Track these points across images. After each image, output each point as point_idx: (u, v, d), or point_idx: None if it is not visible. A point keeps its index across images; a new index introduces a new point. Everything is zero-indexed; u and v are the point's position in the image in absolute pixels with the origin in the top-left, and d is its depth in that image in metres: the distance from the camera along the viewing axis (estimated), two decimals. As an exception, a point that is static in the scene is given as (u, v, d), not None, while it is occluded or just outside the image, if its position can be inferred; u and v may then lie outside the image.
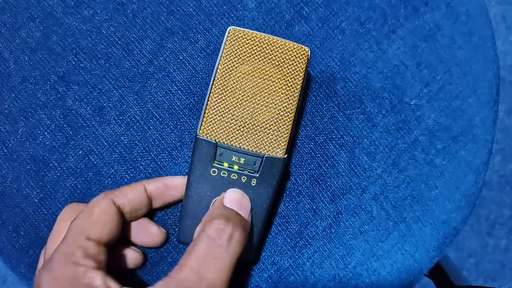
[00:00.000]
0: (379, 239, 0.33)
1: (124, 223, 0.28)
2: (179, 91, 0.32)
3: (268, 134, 0.27)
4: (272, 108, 0.27)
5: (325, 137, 0.33)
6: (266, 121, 0.27)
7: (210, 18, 0.33)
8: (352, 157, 0.33)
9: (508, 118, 0.91)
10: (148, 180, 0.29)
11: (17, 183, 0.31)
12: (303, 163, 0.32)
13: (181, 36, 0.32)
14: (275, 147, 0.27)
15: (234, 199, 0.27)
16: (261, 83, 0.27)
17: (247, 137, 0.27)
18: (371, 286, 0.32)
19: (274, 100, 0.27)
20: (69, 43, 0.32)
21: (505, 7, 0.92)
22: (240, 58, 0.27)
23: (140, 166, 0.32)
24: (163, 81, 0.32)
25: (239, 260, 0.25)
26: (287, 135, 0.27)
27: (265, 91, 0.27)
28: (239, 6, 0.33)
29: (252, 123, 0.27)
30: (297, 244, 0.32)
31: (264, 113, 0.27)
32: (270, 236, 0.32)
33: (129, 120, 0.32)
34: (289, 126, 0.27)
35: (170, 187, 0.29)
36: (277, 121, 0.27)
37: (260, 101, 0.27)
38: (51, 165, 0.31)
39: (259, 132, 0.27)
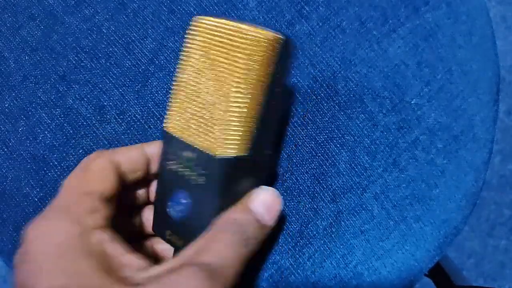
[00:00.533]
0: (380, 238, 0.32)
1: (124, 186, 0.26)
2: (179, 90, 0.32)
3: (223, 131, 0.24)
4: (232, 103, 0.24)
5: (326, 136, 0.33)
6: (222, 117, 0.24)
7: (210, 17, 0.33)
8: (352, 156, 0.33)
9: (508, 118, 0.91)
10: (148, 142, 0.28)
11: (18, 182, 0.31)
12: (304, 162, 0.32)
13: (181, 35, 0.32)
14: (228, 145, 0.25)
15: (266, 203, 0.25)
16: (223, 76, 0.24)
17: (197, 132, 0.25)
18: (371, 286, 0.32)
19: (230, 93, 0.24)
20: (70, 42, 0.32)
21: (505, 7, 0.93)
22: (204, 47, 0.25)
23: (141, 165, 0.32)
24: (163, 80, 0.32)
25: None
26: (242, 132, 0.24)
27: (226, 84, 0.24)
28: (239, 5, 0.33)
29: (208, 119, 0.24)
30: (298, 244, 0.32)
31: (221, 108, 0.24)
32: (271, 236, 0.32)
33: (129, 119, 0.32)
34: (244, 123, 0.24)
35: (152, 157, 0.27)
36: (234, 118, 0.24)
37: (220, 95, 0.24)
38: (51, 164, 0.31)
39: (213, 128, 0.24)
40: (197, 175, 0.26)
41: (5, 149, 0.32)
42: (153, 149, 0.27)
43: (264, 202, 0.25)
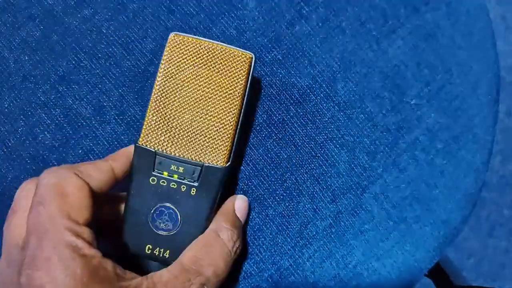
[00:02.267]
0: (380, 238, 0.32)
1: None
2: (179, 91, 0.32)
3: (208, 143, 0.26)
4: (212, 116, 0.26)
5: (326, 137, 0.33)
6: (206, 129, 0.26)
7: (210, 18, 0.33)
8: (352, 156, 0.33)
9: (508, 119, 0.91)
10: (114, 156, 0.27)
11: (17, 183, 0.31)
12: (304, 163, 0.32)
13: (181, 35, 0.32)
14: (215, 156, 0.26)
15: (242, 209, 0.30)
16: (201, 91, 0.26)
17: (186, 146, 0.26)
18: (371, 286, 0.32)
19: (214, 108, 0.26)
20: (69, 43, 0.32)
21: (505, 7, 0.93)
22: (181, 65, 0.26)
23: (140, 166, 0.32)
24: (163, 81, 0.32)
25: None
26: (228, 143, 0.27)
27: (205, 98, 0.26)
28: (239, 6, 0.33)
29: (191, 131, 0.26)
30: (298, 244, 0.32)
31: (203, 121, 0.26)
32: (271, 236, 0.32)
33: (129, 119, 0.32)
34: (230, 135, 0.27)
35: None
36: (217, 130, 0.26)
37: (200, 108, 0.26)
38: (51, 164, 0.31)
39: (198, 140, 0.26)
40: (188, 187, 0.27)
41: (5, 150, 0.32)
42: (121, 164, 0.27)
43: (241, 209, 0.30)
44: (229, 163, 0.27)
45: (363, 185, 0.33)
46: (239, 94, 0.27)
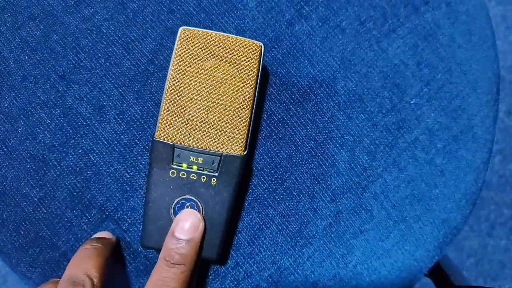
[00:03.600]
0: (379, 238, 0.32)
1: None
2: (179, 90, 0.32)
3: (224, 132, 0.27)
4: (227, 106, 0.27)
5: (325, 136, 0.33)
6: (222, 119, 0.27)
7: (210, 17, 0.33)
8: (352, 156, 0.33)
9: (508, 118, 0.91)
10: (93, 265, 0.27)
11: (17, 182, 0.31)
12: (303, 162, 0.32)
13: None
14: (233, 144, 0.27)
15: (184, 230, 0.27)
16: (214, 82, 0.27)
17: (203, 137, 0.27)
18: (371, 285, 0.32)
19: (228, 98, 0.27)
20: (69, 42, 0.32)
21: (505, 7, 0.93)
22: (192, 58, 0.27)
23: (140, 165, 0.32)
24: (163, 80, 0.32)
25: (203, 260, 0.27)
26: (244, 132, 0.27)
27: (219, 89, 0.27)
28: (239, 5, 0.33)
29: (208, 122, 0.27)
30: (297, 243, 0.32)
31: (219, 111, 0.27)
32: (271, 235, 0.32)
33: (129, 119, 0.32)
34: (246, 123, 0.27)
35: (113, 245, 0.30)
36: (233, 119, 0.27)
37: (215, 99, 0.27)
38: (50, 164, 0.31)
39: (215, 130, 0.27)
40: (208, 177, 0.27)
41: (5, 149, 0.32)
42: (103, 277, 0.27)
43: (184, 230, 0.27)
44: (246, 151, 0.27)
45: (363, 185, 0.33)
46: (252, 82, 0.27)
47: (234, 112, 0.27)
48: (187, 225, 0.27)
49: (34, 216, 0.31)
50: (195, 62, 0.27)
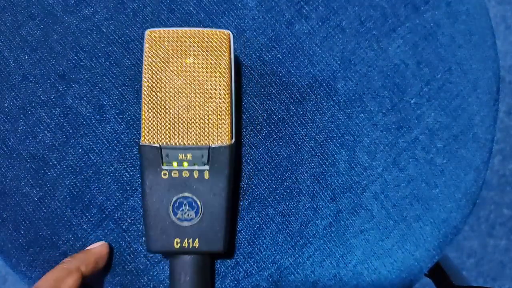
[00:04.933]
0: (380, 238, 0.32)
1: None
2: (179, 90, 0.32)
3: (208, 125, 0.27)
4: (205, 99, 0.27)
5: (326, 136, 0.33)
6: (203, 112, 0.27)
7: (210, 17, 0.33)
8: (352, 155, 0.33)
9: (508, 118, 0.91)
10: (80, 259, 0.28)
11: (17, 182, 0.31)
12: (304, 162, 0.32)
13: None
14: (218, 135, 0.27)
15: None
16: (189, 77, 0.27)
17: (188, 133, 0.27)
18: (371, 285, 0.32)
19: (206, 90, 0.27)
20: (69, 42, 0.32)
21: (505, 7, 0.93)
22: (163, 58, 0.27)
23: (140, 165, 0.32)
24: (163, 80, 0.32)
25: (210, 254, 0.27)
26: (227, 121, 0.27)
27: (194, 83, 0.27)
28: (239, 5, 0.33)
29: (190, 118, 0.27)
30: (298, 243, 0.32)
31: (199, 105, 0.27)
32: (271, 235, 0.32)
33: (129, 118, 0.32)
34: (227, 112, 0.27)
35: (99, 260, 0.29)
36: (214, 110, 0.27)
37: (192, 94, 0.27)
38: (50, 163, 0.31)
39: (198, 124, 0.27)
40: (200, 172, 0.27)
41: (5, 149, 0.32)
42: (89, 269, 0.28)
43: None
44: (233, 140, 0.27)
45: (363, 184, 0.33)
46: (226, 71, 0.27)
47: (214, 104, 0.27)
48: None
49: (34, 215, 0.31)
50: (167, 62, 0.27)
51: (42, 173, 0.31)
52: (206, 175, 0.27)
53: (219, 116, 0.27)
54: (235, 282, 0.32)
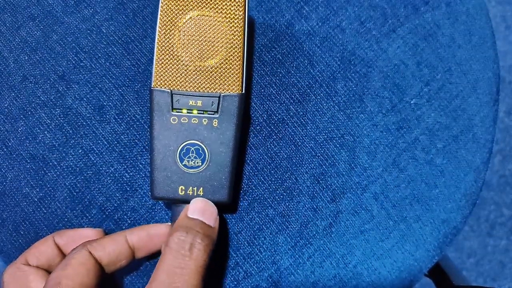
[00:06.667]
0: (380, 238, 0.32)
1: (105, 274, 0.26)
2: (179, 90, 0.32)
3: (220, 73, 0.27)
4: (219, 48, 0.27)
5: (325, 136, 0.33)
6: (215, 60, 0.27)
7: (210, 17, 0.33)
8: (352, 156, 0.33)
9: (508, 118, 0.91)
10: (131, 230, 0.28)
11: (17, 182, 0.31)
12: (303, 162, 0.32)
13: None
14: (229, 84, 0.27)
15: (197, 208, 0.27)
16: (203, 28, 0.27)
17: (200, 80, 0.27)
18: (371, 285, 0.32)
19: (220, 40, 0.27)
20: (69, 42, 0.32)
21: (505, 7, 0.93)
22: (178, 6, 0.27)
23: (140, 165, 0.32)
24: (163, 80, 0.32)
25: (216, 204, 0.27)
26: (239, 71, 0.27)
27: (209, 34, 0.27)
28: (239, 5, 0.33)
29: (202, 66, 0.27)
30: (298, 244, 0.32)
31: (212, 54, 0.27)
32: (271, 235, 0.32)
33: (129, 119, 0.32)
34: (239, 62, 0.27)
35: (154, 236, 0.28)
36: (226, 59, 0.27)
37: (206, 43, 0.27)
38: (50, 164, 0.31)
39: (210, 73, 0.27)
40: (209, 119, 0.27)
41: (5, 149, 0.32)
42: (138, 238, 0.28)
43: (197, 208, 0.27)
44: (243, 91, 0.28)
45: (363, 185, 0.33)
46: (240, 23, 0.27)
47: (227, 53, 0.27)
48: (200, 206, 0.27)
49: (34, 216, 0.31)
50: (182, 10, 0.27)
51: (42, 174, 0.31)
52: (215, 123, 0.27)
53: (231, 65, 0.27)
54: (235, 282, 0.32)
